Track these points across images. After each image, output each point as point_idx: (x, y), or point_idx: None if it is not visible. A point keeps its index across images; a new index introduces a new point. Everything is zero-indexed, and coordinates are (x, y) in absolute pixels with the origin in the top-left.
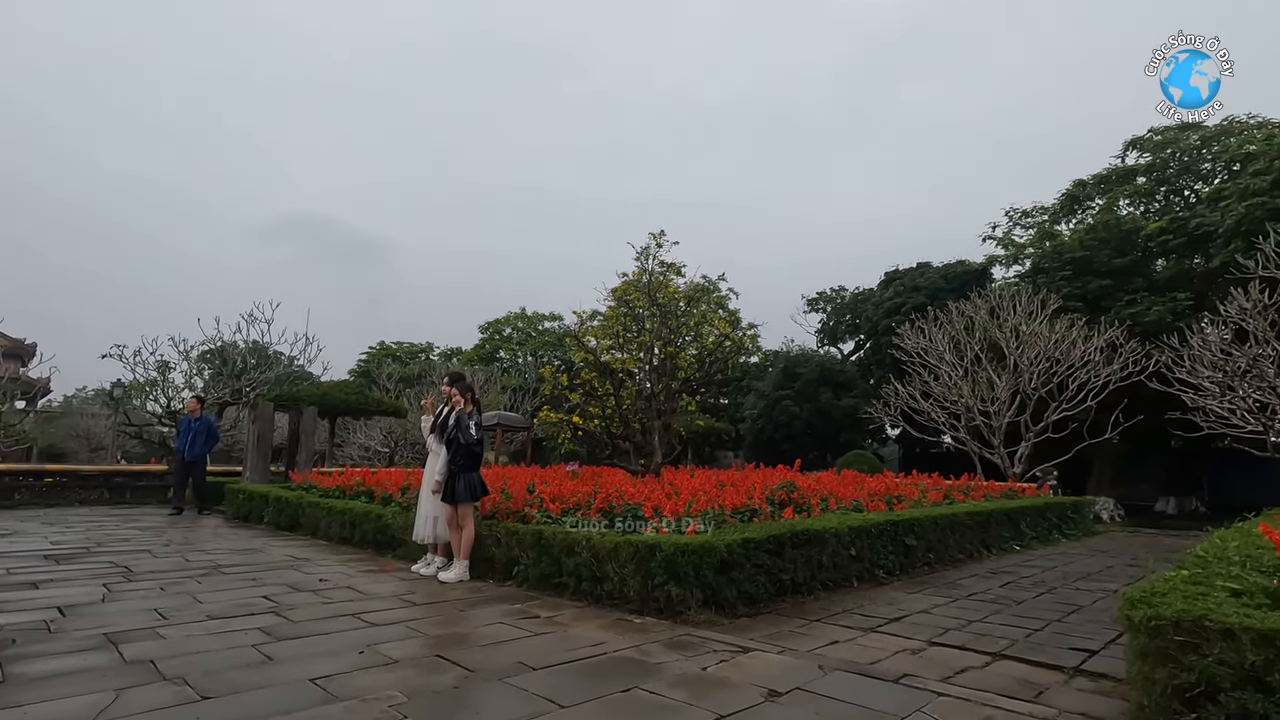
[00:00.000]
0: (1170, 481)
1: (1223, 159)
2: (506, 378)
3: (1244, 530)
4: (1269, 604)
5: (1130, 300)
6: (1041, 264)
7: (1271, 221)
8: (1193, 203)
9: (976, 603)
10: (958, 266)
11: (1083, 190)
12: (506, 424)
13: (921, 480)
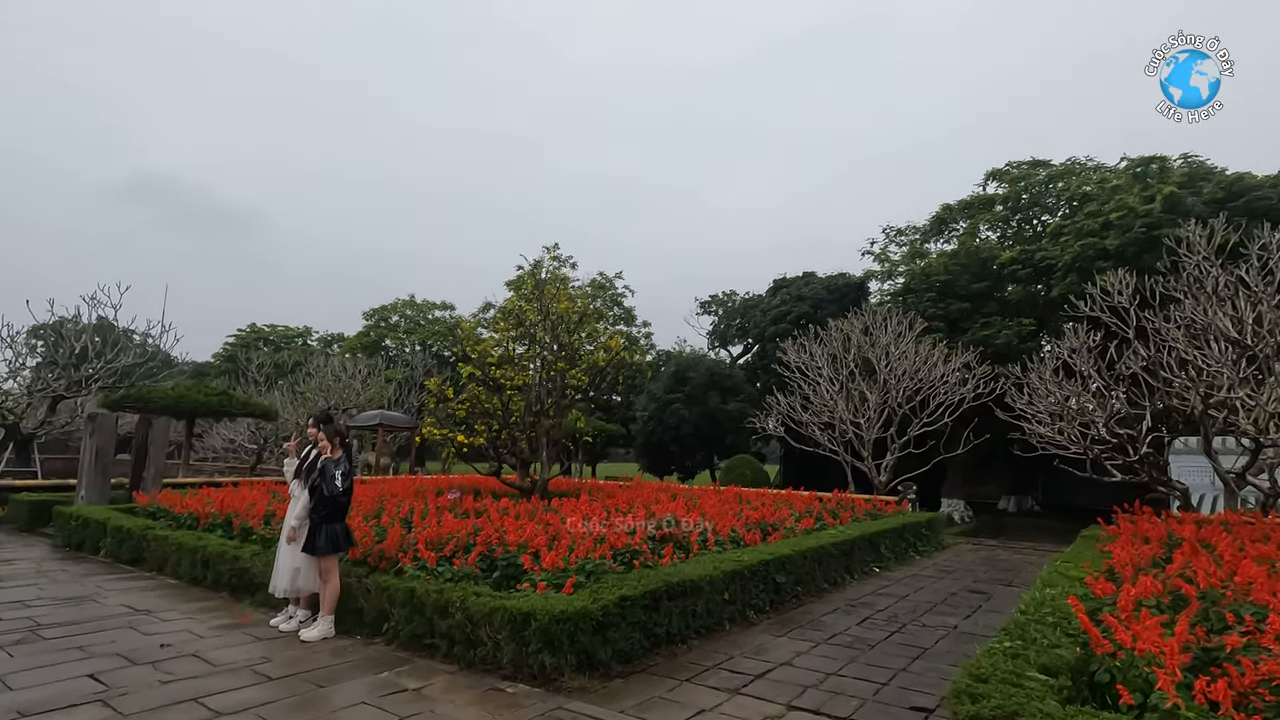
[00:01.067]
0: (1013, 483)
1: (1065, 197)
2: (392, 370)
3: (1066, 569)
4: (1069, 686)
5: (985, 323)
6: (911, 284)
7: (1100, 260)
8: (1040, 234)
9: (835, 647)
10: (839, 279)
11: (949, 214)
12: (389, 424)
13: (795, 502)
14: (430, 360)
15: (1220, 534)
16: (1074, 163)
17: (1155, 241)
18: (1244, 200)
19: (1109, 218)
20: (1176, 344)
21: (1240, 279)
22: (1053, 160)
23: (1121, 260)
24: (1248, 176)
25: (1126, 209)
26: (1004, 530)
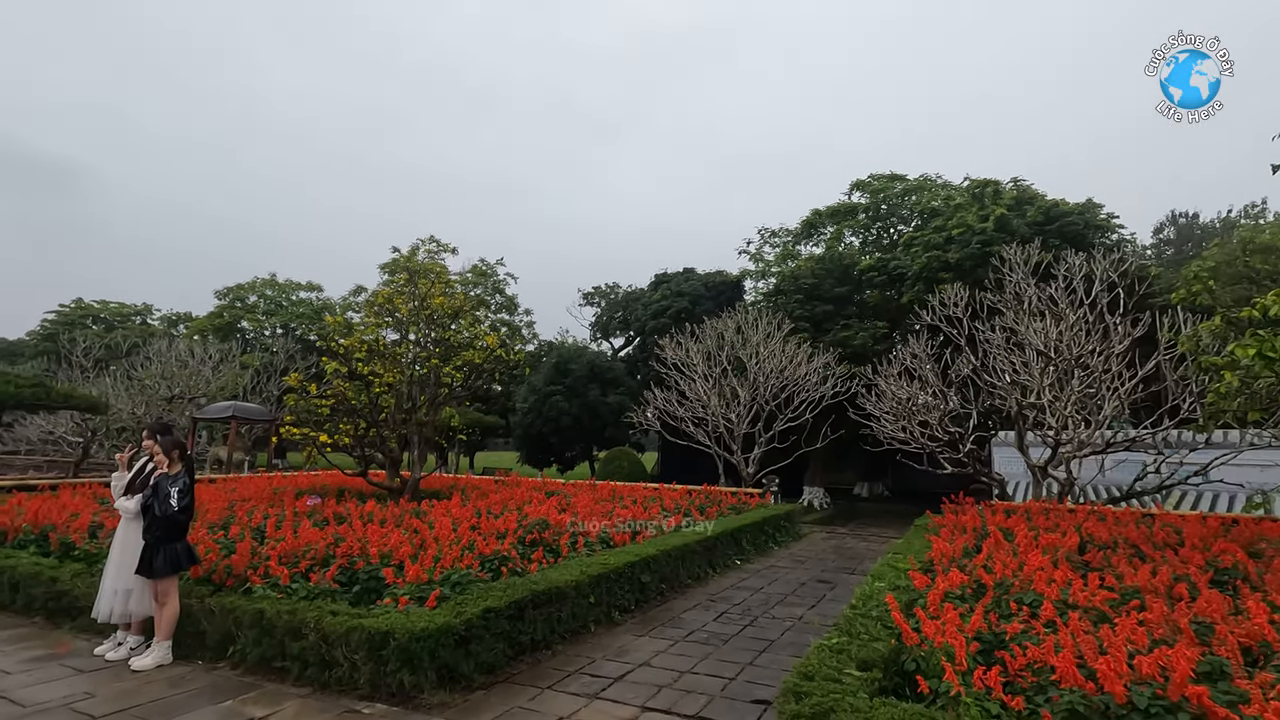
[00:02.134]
0: (866, 471)
1: (917, 210)
2: (250, 355)
3: (895, 561)
4: (881, 679)
5: (845, 325)
6: (782, 285)
7: (943, 272)
8: (895, 243)
9: (692, 644)
10: (717, 276)
11: (818, 219)
12: (244, 416)
13: (667, 498)
14: (293, 345)
15: (1022, 522)
16: (925, 178)
17: (987, 257)
18: (1057, 224)
19: (951, 233)
20: (999, 351)
21: (1051, 297)
22: (908, 175)
23: (960, 273)
24: (1061, 203)
25: (966, 226)
26: (857, 515)
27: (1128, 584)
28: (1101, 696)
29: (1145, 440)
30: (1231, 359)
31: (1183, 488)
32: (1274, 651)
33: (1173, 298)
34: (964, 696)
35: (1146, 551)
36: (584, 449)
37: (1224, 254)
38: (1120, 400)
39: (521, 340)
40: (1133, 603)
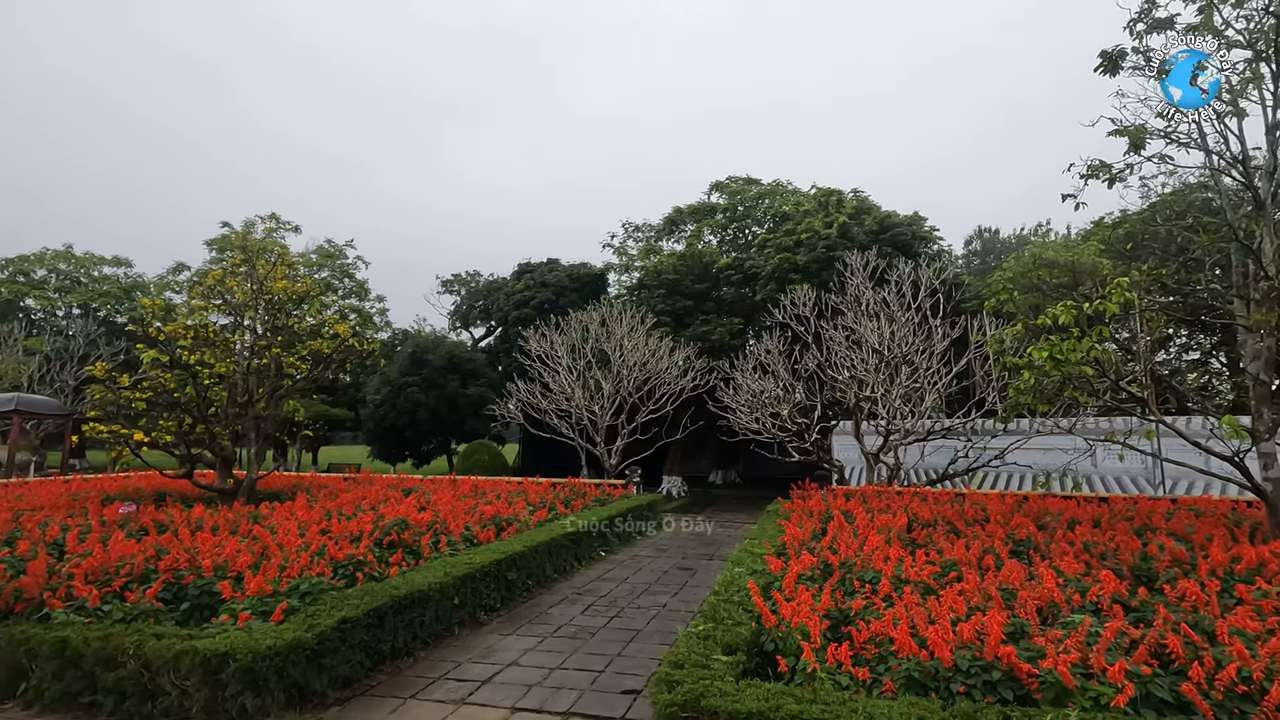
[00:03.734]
0: (720, 460)
1: (770, 213)
2: (37, 339)
3: (752, 547)
4: (745, 660)
5: (704, 320)
6: (645, 280)
7: (793, 273)
8: (750, 244)
9: (560, 639)
10: (582, 269)
11: (680, 216)
12: (29, 409)
13: (531, 492)
14: (95, 328)
15: (860, 505)
16: (778, 184)
17: (832, 261)
18: (890, 234)
19: (800, 237)
20: (840, 348)
21: (884, 300)
22: (762, 180)
23: (808, 275)
24: (893, 215)
25: (813, 231)
26: (713, 502)
27: (947, 558)
28: (932, 662)
29: (958, 428)
30: (1029, 360)
31: (986, 470)
32: (1060, 611)
33: (985, 305)
34: (819, 672)
35: (960, 528)
36: (442, 442)
37: (1019, 267)
38: (938, 393)
39: (374, 328)
40: (952, 574)
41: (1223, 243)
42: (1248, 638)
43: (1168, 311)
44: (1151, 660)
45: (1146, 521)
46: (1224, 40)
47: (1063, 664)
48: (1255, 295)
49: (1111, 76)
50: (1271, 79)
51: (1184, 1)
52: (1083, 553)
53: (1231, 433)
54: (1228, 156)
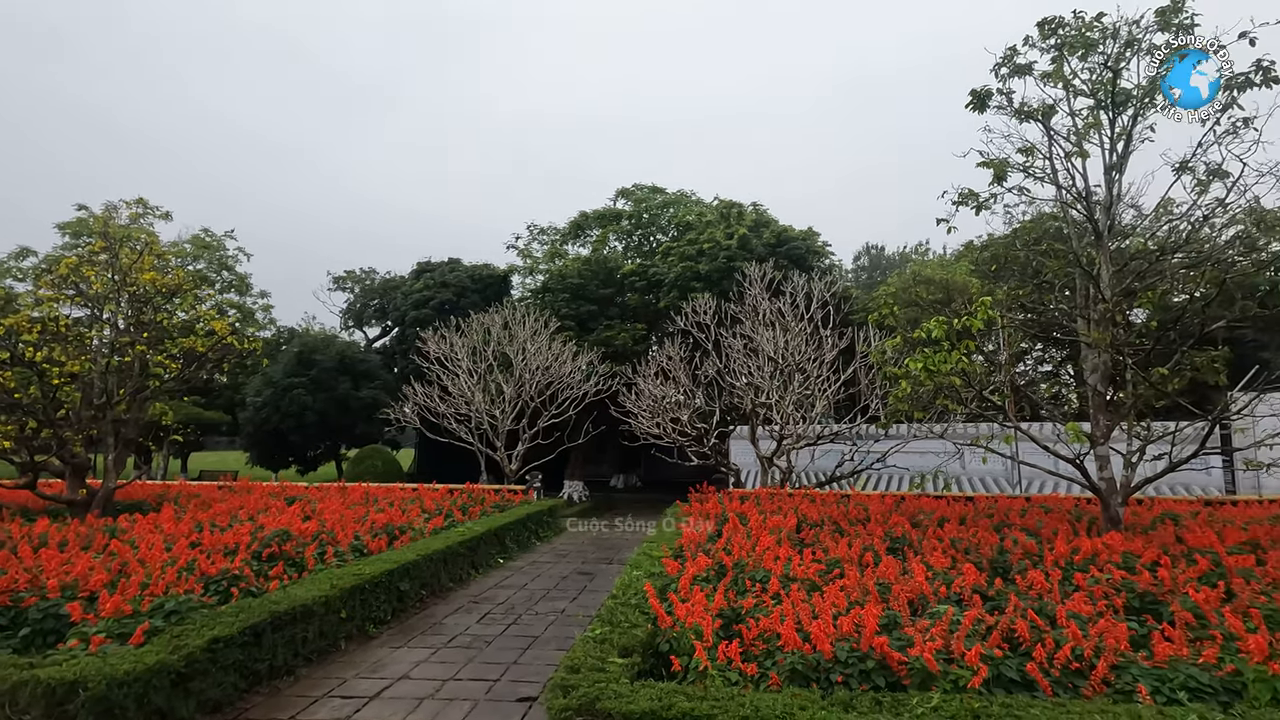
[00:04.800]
0: (622, 464)
1: (674, 222)
2: None
3: (650, 550)
4: (640, 662)
5: (608, 325)
6: (550, 284)
7: (695, 282)
8: (655, 251)
9: (455, 650)
10: (484, 270)
11: (586, 220)
12: None
13: (427, 498)
14: None
15: (753, 507)
16: (682, 194)
17: (732, 271)
18: (786, 248)
19: (703, 246)
20: (739, 356)
21: (780, 310)
22: (667, 189)
23: (709, 283)
24: (789, 230)
25: (715, 241)
26: (614, 506)
27: (832, 556)
28: (814, 654)
29: (845, 433)
30: (906, 370)
31: (869, 472)
32: (929, 602)
33: (870, 318)
34: (710, 670)
35: (844, 527)
36: (331, 448)
37: (900, 283)
38: (828, 400)
39: (256, 325)
40: (836, 571)
41: (1069, 268)
42: (1082, 620)
43: (1024, 328)
44: (1003, 644)
45: (1004, 518)
46: (1072, 89)
47: (928, 651)
48: (1094, 315)
49: (980, 113)
50: (1109, 125)
51: (1040, 51)
52: (950, 548)
53: (1074, 437)
54: (1074, 192)
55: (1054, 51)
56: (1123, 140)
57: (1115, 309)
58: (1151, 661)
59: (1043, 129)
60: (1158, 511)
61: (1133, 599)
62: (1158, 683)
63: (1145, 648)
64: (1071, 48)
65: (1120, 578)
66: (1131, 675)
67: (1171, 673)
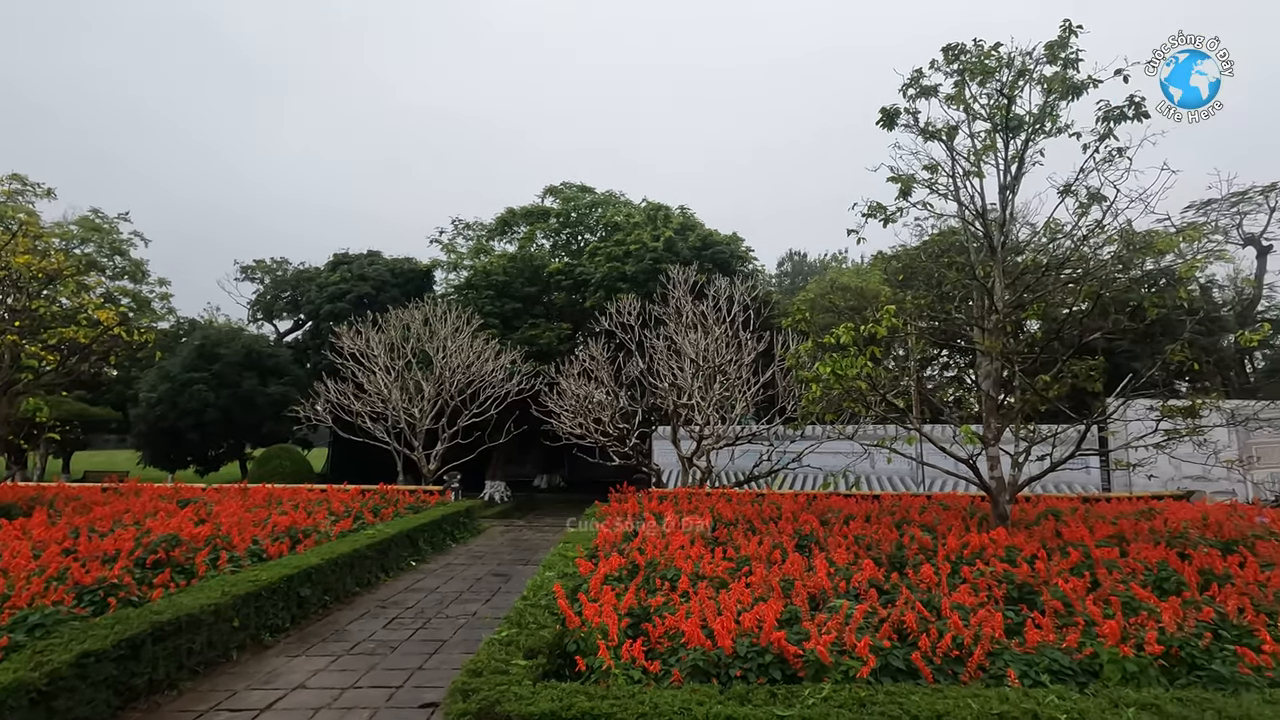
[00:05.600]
0: (546, 464)
1: (602, 222)
2: None
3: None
4: (546, 664)
5: (533, 324)
6: (474, 280)
7: (621, 283)
8: (582, 251)
9: (357, 656)
10: (406, 264)
11: (513, 217)
12: None
13: (335, 500)
14: None
15: (671, 507)
16: (610, 194)
17: (657, 273)
18: (711, 251)
19: (629, 248)
20: (662, 357)
21: (703, 313)
22: (596, 189)
23: (635, 285)
24: (715, 234)
25: (641, 243)
26: (536, 507)
27: (743, 554)
28: (716, 650)
29: (762, 434)
30: (816, 374)
31: (786, 471)
32: (829, 597)
33: (783, 323)
34: (613, 669)
35: (757, 525)
36: (234, 447)
37: (819, 289)
38: (747, 401)
39: (153, 315)
40: (745, 569)
41: (968, 280)
42: (965, 611)
43: (927, 336)
44: (893, 635)
45: (906, 515)
46: (971, 112)
47: (822, 644)
48: (988, 325)
49: (889, 130)
50: (1004, 148)
51: (944, 75)
52: (853, 545)
53: (968, 439)
54: (973, 209)
55: (956, 76)
56: (1016, 163)
57: (1006, 319)
58: (1023, 647)
59: (946, 148)
60: (1042, 508)
61: (1012, 590)
62: (1026, 667)
63: (1019, 635)
64: (972, 73)
65: (1002, 570)
66: (1004, 661)
67: (1038, 657)
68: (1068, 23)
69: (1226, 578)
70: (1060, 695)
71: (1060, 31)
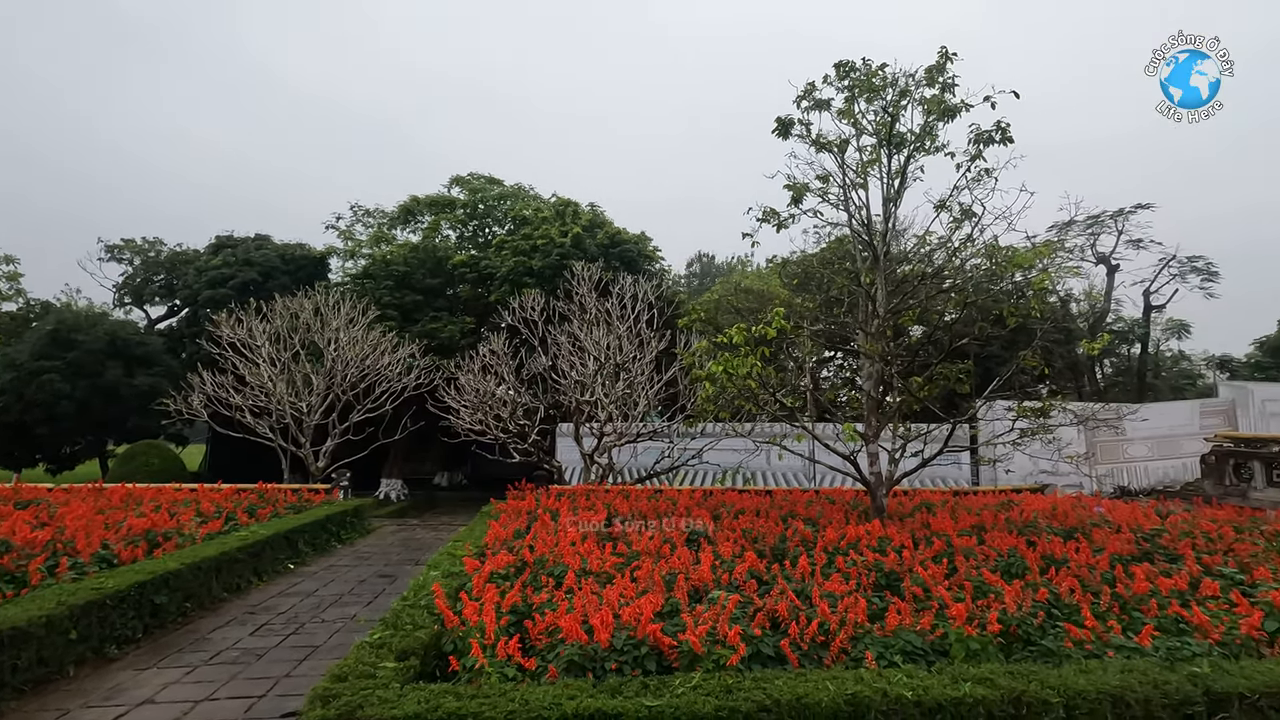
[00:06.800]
0: (447, 461)
1: (510, 216)
2: None
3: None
4: (418, 666)
5: (435, 317)
6: (372, 270)
7: (527, 277)
8: (489, 243)
9: (217, 667)
10: (298, 249)
11: (417, 206)
12: None
13: (206, 500)
14: None
15: (568, 503)
16: (519, 187)
17: (564, 269)
18: (619, 249)
19: (537, 243)
20: (566, 353)
21: (607, 310)
22: (505, 181)
23: (541, 280)
24: (623, 232)
25: (549, 239)
26: (435, 505)
27: (635, 549)
28: (593, 645)
29: (664, 431)
30: (710, 373)
31: (686, 468)
32: (710, 590)
33: (680, 323)
34: (487, 668)
35: (652, 520)
36: (94, 443)
37: (724, 290)
38: (649, 399)
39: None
40: (634, 564)
41: (854, 286)
42: (834, 598)
43: (817, 338)
44: (766, 623)
45: (793, 509)
46: (860, 127)
47: (697, 635)
48: (871, 329)
49: (785, 139)
50: (888, 162)
51: (836, 90)
52: (741, 538)
53: (849, 436)
54: (859, 219)
55: (847, 92)
56: (899, 178)
57: (887, 324)
58: (883, 631)
59: (838, 160)
60: (917, 501)
61: (881, 578)
62: (884, 649)
63: (881, 620)
64: (860, 90)
65: (873, 560)
66: (865, 644)
67: (895, 639)
68: (944, 49)
69: (1064, 562)
70: (909, 674)
71: (938, 57)
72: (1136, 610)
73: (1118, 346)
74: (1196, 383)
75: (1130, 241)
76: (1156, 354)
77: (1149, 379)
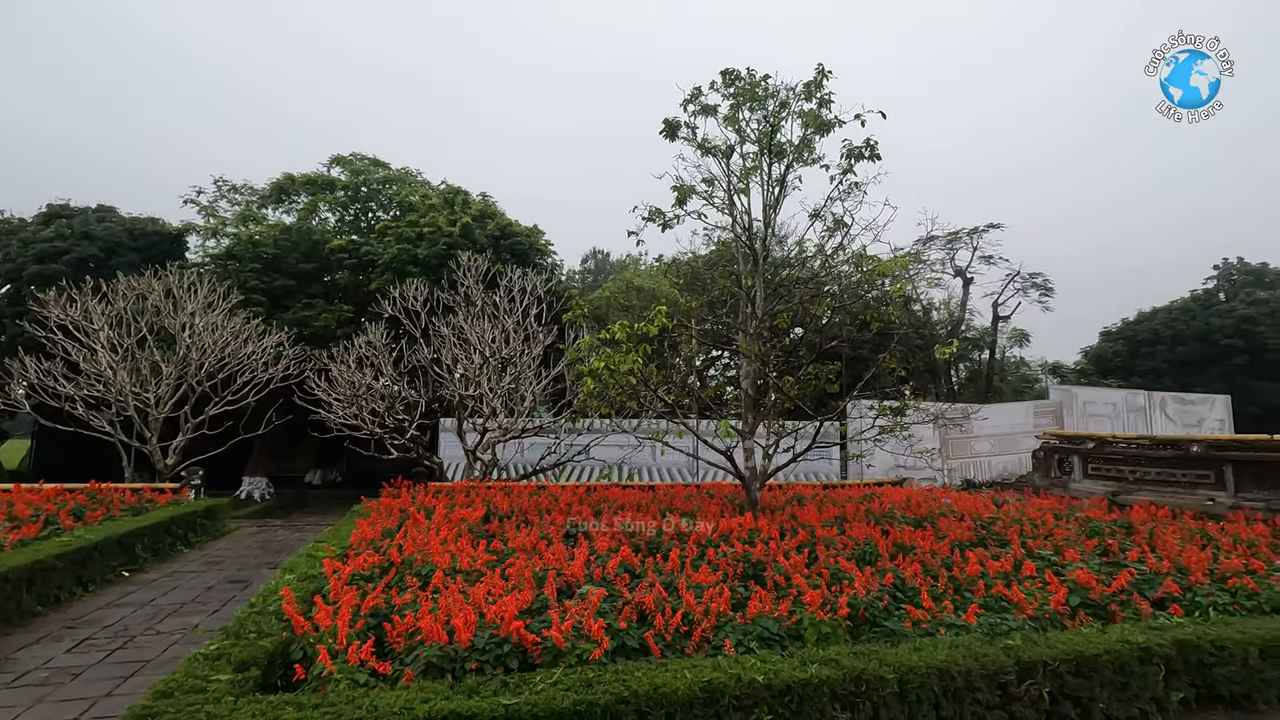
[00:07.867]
0: (320, 458)
1: (395, 200)
2: None
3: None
4: (259, 676)
5: (308, 304)
6: (237, 251)
7: (411, 266)
8: (371, 229)
9: (20, 690)
10: (149, 224)
11: (292, 184)
12: None
13: (20, 501)
14: None
15: (445, 500)
16: (407, 172)
17: (451, 259)
18: (510, 242)
19: (423, 230)
20: (450, 346)
21: (495, 303)
22: (391, 164)
23: (427, 269)
24: (515, 224)
25: (436, 227)
26: (304, 505)
27: (511, 546)
28: (454, 645)
29: (550, 427)
30: (592, 368)
31: (573, 464)
32: (580, 585)
33: (565, 318)
34: (335, 674)
35: (531, 517)
36: None
37: (616, 287)
38: (534, 394)
39: None
40: (508, 561)
41: (736, 288)
42: (699, 589)
43: (702, 337)
44: (634, 616)
45: (673, 504)
46: (743, 135)
47: (561, 631)
48: (750, 330)
49: (672, 141)
50: (769, 170)
51: (722, 97)
52: (618, 533)
53: (725, 433)
54: (742, 223)
55: (733, 99)
56: (779, 186)
57: (764, 325)
58: (744, 619)
59: (722, 165)
60: (790, 494)
61: (748, 568)
62: (743, 636)
63: (743, 608)
64: (744, 98)
65: (742, 551)
66: (725, 633)
67: (753, 626)
68: (821, 66)
69: (912, 549)
70: (763, 659)
71: (815, 74)
72: (968, 591)
73: (970, 352)
74: (1034, 386)
75: (983, 257)
76: (1003, 359)
77: (995, 382)
